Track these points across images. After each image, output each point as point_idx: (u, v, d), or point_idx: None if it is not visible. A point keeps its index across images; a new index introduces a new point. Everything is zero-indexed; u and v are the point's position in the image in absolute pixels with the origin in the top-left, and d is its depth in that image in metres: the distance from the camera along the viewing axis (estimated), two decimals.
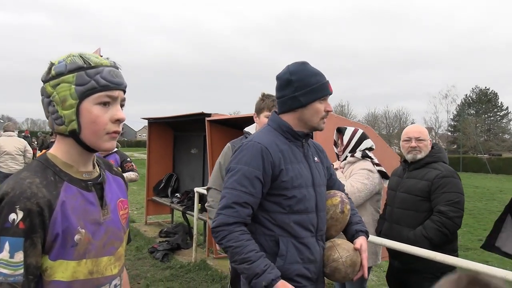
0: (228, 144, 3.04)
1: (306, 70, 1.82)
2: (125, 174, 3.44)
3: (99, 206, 1.20)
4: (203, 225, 6.46)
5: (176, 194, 7.24)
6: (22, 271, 1.02)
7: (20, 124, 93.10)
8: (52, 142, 16.66)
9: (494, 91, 60.07)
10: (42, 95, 1.16)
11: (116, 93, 1.15)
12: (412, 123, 48.17)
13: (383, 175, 3.08)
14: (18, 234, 1.01)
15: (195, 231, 5.53)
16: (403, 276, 2.86)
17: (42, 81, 1.15)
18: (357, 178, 2.95)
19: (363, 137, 3.13)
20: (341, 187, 2.06)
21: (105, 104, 1.13)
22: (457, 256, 2.79)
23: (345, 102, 72.10)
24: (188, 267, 5.23)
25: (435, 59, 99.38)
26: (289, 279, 1.72)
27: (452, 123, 57.51)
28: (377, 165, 3.08)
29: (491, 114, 59.67)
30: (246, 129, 3.11)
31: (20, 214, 1.02)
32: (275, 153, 1.75)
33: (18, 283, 1.02)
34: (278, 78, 1.87)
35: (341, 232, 1.95)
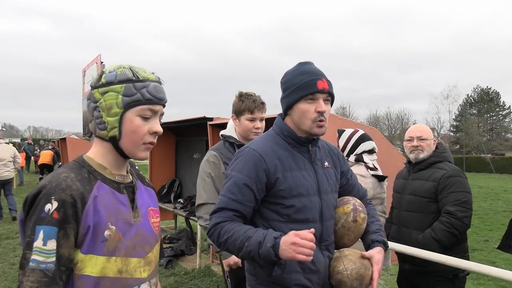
0: (214, 152, 2.73)
1: (296, 70, 1.72)
2: None
3: (130, 207, 1.26)
4: None
5: (179, 200, 7.19)
6: (54, 259, 1.07)
7: (22, 132, 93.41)
8: (42, 147, 16.42)
9: (496, 91, 60.04)
10: (88, 99, 1.24)
11: (158, 107, 1.24)
12: (414, 124, 48.12)
13: (380, 178, 2.89)
14: (52, 223, 1.08)
15: (199, 237, 5.48)
16: (415, 279, 2.81)
17: (91, 87, 1.24)
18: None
19: (360, 140, 2.95)
20: (361, 192, 1.95)
21: (146, 116, 1.22)
22: (468, 256, 2.74)
23: (347, 104, 72.11)
24: (193, 274, 5.17)
25: (436, 59, 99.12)
26: None
27: (454, 123, 57.43)
28: (372, 169, 2.89)
29: (493, 114, 59.56)
30: (224, 132, 2.83)
31: (55, 204, 1.09)
32: (271, 161, 1.67)
33: (50, 270, 1.07)
34: None
35: (360, 240, 1.84)
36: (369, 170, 2.88)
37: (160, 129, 1.25)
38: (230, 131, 2.80)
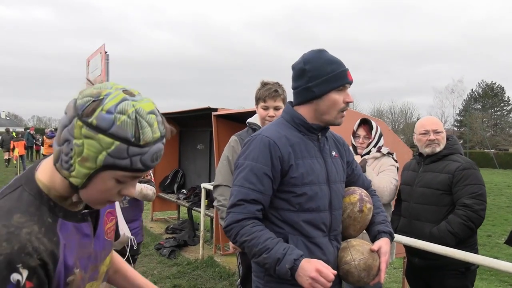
0: (234, 137, 2.84)
1: (321, 58, 1.68)
2: (139, 186, 2.90)
3: (92, 236, 1.08)
4: (209, 222, 6.40)
5: (182, 190, 7.19)
6: None
7: (26, 121, 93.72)
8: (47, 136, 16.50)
9: (501, 86, 59.72)
10: (66, 113, 0.95)
11: (142, 174, 0.98)
12: (417, 118, 47.95)
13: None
14: None
15: (202, 228, 5.48)
16: (425, 273, 2.79)
17: (77, 114, 0.91)
18: (392, 175, 2.93)
19: (381, 134, 3.11)
20: (366, 183, 1.94)
21: (123, 181, 0.97)
22: (477, 249, 2.74)
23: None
24: (195, 264, 5.18)
25: (443, 52, 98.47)
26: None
27: (459, 118, 57.17)
28: (396, 161, 3.06)
29: (497, 109, 59.27)
30: (250, 120, 2.92)
31: (25, 273, 0.88)
32: (284, 147, 1.65)
33: None
34: (293, 67, 1.75)
35: (365, 232, 1.84)
36: (396, 162, 3.03)
37: (132, 193, 1.02)
38: (256, 118, 2.87)
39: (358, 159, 3.10)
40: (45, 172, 1.00)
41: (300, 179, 1.64)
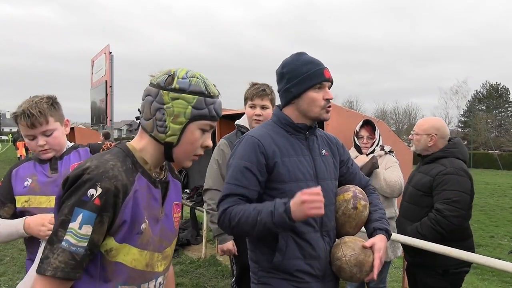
0: (224, 140, 2.85)
1: (298, 60, 1.77)
2: None
3: (160, 203, 1.27)
4: None
5: (186, 190, 7.24)
6: (85, 244, 1.08)
7: None
8: None
9: (505, 87, 59.34)
10: (149, 95, 1.21)
11: (215, 124, 1.26)
12: (421, 118, 47.62)
13: None
14: (92, 209, 1.08)
15: (204, 227, 5.52)
16: (413, 270, 2.85)
17: (160, 87, 1.20)
18: (398, 170, 3.10)
19: (379, 134, 3.25)
20: (363, 181, 1.97)
21: (205, 130, 1.24)
22: (472, 247, 2.74)
23: (354, 98, 71.75)
24: (198, 263, 5.23)
25: (451, 52, 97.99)
26: (288, 274, 1.70)
27: (463, 119, 56.92)
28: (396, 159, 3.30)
29: (502, 110, 58.94)
30: (238, 121, 2.93)
31: (99, 191, 1.08)
32: (269, 145, 1.72)
33: (79, 254, 1.08)
34: (276, 72, 1.86)
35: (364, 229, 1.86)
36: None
37: (211, 144, 1.27)
38: (244, 121, 2.88)
39: (366, 158, 3.18)
40: (135, 142, 1.26)
41: (286, 176, 1.70)
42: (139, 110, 1.27)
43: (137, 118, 1.29)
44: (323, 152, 1.84)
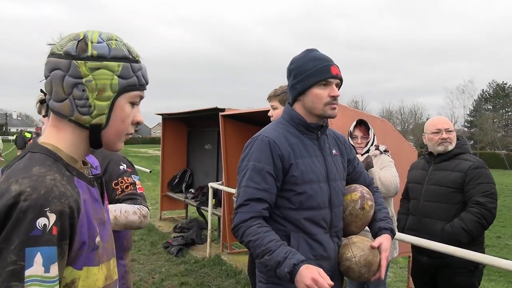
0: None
1: (305, 57, 1.75)
2: (112, 214, 1.73)
3: (101, 203, 1.06)
4: (217, 221, 6.46)
5: (190, 190, 7.26)
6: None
7: (37, 121, 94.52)
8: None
9: None
10: (57, 69, 0.94)
11: (144, 93, 1.04)
12: (427, 119, 47.48)
13: None
14: (52, 243, 0.83)
15: (209, 227, 5.53)
16: (434, 271, 2.81)
17: (72, 57, 0.94)
18: (394, 170, 3.08)
19: (374, 133, 3.25)
20: (367, 180, 1.96)
21: (135, 103, 1.02)
22: (484, 248, 2.76)
23: (359, 97, 71.58)
24: (203, 262, 5.23)
25: (459, 51, 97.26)
26: None
27: (469, 118, 56.60)
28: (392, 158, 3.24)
29: (508, 109, 58.57)
30: None
31: (52, 218, 0.83)
32: (284, 146, 1.69)
33: None
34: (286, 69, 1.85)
35: (368, 228, 1.86)
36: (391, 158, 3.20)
37: (142, 120, 1.06)
38: None
39: (360, 158, 3.16)
40: (49, 137, 0.99)
41: (300, 178, 1.68)
42: (41, 90, 1.00)
43: (42, 101, 1.03)
44: (333, 152, 1.83)
